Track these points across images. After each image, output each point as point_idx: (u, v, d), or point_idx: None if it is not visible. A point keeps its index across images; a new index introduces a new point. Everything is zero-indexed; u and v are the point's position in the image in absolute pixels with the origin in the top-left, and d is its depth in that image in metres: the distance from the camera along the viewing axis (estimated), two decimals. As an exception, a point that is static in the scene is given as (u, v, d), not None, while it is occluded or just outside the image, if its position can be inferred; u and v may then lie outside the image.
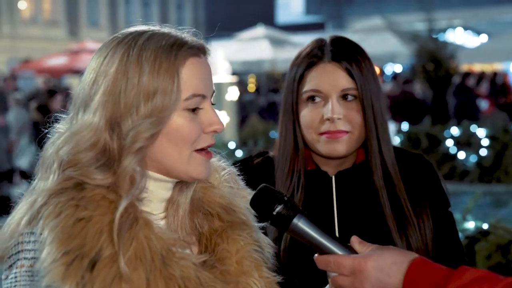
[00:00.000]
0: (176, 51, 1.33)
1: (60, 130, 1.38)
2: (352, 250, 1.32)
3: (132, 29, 1.38)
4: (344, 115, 1.82)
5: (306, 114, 1.85)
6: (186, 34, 1.39)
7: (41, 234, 1.27)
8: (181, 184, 1.43)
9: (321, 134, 1.83)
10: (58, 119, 1.42)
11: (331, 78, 1.83)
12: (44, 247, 1.25)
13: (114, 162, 1.31)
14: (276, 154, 1.95)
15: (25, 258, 1.30)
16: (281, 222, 1.34)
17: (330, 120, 1.81)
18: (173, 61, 1.32)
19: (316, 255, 1.34)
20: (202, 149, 1.37)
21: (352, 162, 1.91)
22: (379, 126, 1.86)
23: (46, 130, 1.41)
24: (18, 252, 1.31)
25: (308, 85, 1.84)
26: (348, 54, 1.85)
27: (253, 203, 1.38)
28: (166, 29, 1.38)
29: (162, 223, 1.39)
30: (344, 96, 1.83)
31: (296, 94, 1.86)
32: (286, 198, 1.35)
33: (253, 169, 1.57)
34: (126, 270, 1.24)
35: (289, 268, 1.78)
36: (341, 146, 1.83)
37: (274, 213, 1.34)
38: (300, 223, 1.33)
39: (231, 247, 1.42)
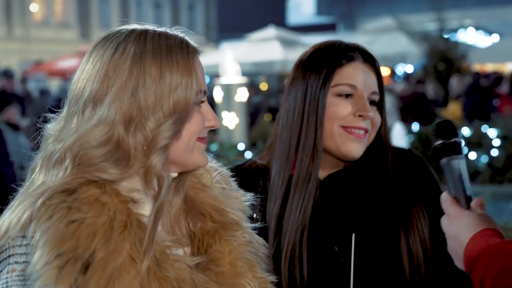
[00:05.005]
0: (187, 49, 1.38)
1: (52, 130, 1.37)
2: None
3: (130, 26, 1.40)
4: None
5: (337, 106, 1.82)
6: (183, 34, 1.42)
7: (32, 237, 1.26)
8: (176, 182, 1.43)
9: (346, 127, 1.82)
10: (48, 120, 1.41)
11: (365, 77, 1.84)
12: (36, 250, 1.24)
13: (130, 157, 1.31)
14: (274, 159, 1.89)
15: (16, 262, 1.29)
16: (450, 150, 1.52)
17: (364, 117, 1.82)
18: (187, 58, 1.37)
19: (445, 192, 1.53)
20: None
21: (343, 164, 1.89)
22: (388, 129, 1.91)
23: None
24: (9, 256, 1.30)
25: (344, 79, 1.83)
26: (375, 60, 1.89)
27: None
28: (163, 29, 1.41)
29: None
30: (369, 100, 1.86)
31: (328, 84, 1.82)
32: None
33: (240, 177, 1.58)
34: (144, 272, 1.25)
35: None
36: (361, 148, 1.83)
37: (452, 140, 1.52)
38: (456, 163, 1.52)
39: (223, 248, 1.42)
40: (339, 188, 1.87)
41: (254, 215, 1.80)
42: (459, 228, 1.47)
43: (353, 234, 1.79)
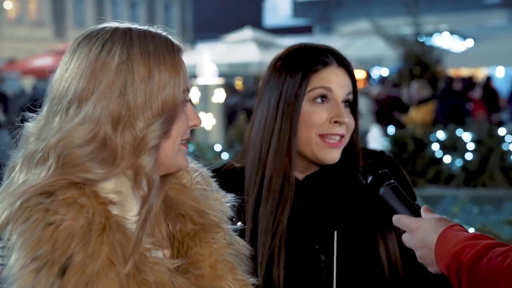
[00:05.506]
0: (172, 47, 1.37)
1: (32, 128, 1.34)
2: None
3: (112, 24, 1.37)
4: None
5: (313, 113, 1.83)
6: (165, 33, 1.40)
7: (9, 239, 1.24)
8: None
9: (323, 136, 1.83)
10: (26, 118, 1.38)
11: (341, 81, 1.86)
12: (12, 252, 1.22)
13: (116, 156, 1.29)
14: (247, 163, 1.90)
15: None
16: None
17: (340, 123, 1.83)
18: (173, 57, 1.35)
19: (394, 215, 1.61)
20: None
21: (318, 166, 1.90)
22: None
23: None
24: None
25: (319, 83, 1.84)
26: (349, 63, 1.90)
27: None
28: (145, 27, 1.39)
29: (134, 227, 1.35)
30: (343, 102, 1.87)
31: (304, 90, 1.83)
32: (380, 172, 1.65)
33: (221, 183, 1.58)
34: (123, 275, 1.23)
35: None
36: (338, 154, 1.85)
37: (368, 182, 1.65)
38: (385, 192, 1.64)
39: (204, 251, 1.40)
40: (317, 188, 1.89)
41: (233, 219, 1.80)
42: (422, 234, 1.50)
43: (335, 232, 1.80)
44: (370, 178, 1.65)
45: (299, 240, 1.83)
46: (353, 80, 1.89)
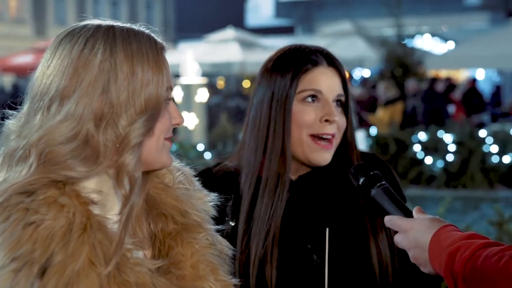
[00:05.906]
0: (155, 45, 1.35)
1: (13, 126, 1.32)
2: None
3: (95, 22, 1.36)
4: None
5: (303, 113, 1.84)
6: (148, 31, 1.39)
7: None
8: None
9: (313, 136, 1.84)
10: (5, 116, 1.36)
11: (331, 81, 1.87)
12: None
13: (99, 154, 1.28)
14: (243, 161, 1.90)
15: None
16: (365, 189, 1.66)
17: (330, 121, 1.83)
18: (156, 54, 1.35)
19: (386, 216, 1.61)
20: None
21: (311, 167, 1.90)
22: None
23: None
24: None
25: (309, 85, 1.85)
26: (340, 63, 1.91)
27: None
28: (128, 25, 1.38)
29: (116, 226, 1.33)
30: (335, 102, 1.88)
31: (294, 91, 1.84)
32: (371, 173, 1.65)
33: (214, 182, 1.56)
34: (104, 276, 1.21)
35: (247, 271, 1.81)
36: (329, 156, 1.86)
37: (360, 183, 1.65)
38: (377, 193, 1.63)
39: (185, 251, 1.39)
40: (310, 189, 1.89)
41: (226, 218, 1.83)
42: (415, 234, 1.50)
43: (327, 229, 1.81)
44: (361, 180, 1.66)
45: (292, 240, 1.84)
46: (344, 80, 1.90)
